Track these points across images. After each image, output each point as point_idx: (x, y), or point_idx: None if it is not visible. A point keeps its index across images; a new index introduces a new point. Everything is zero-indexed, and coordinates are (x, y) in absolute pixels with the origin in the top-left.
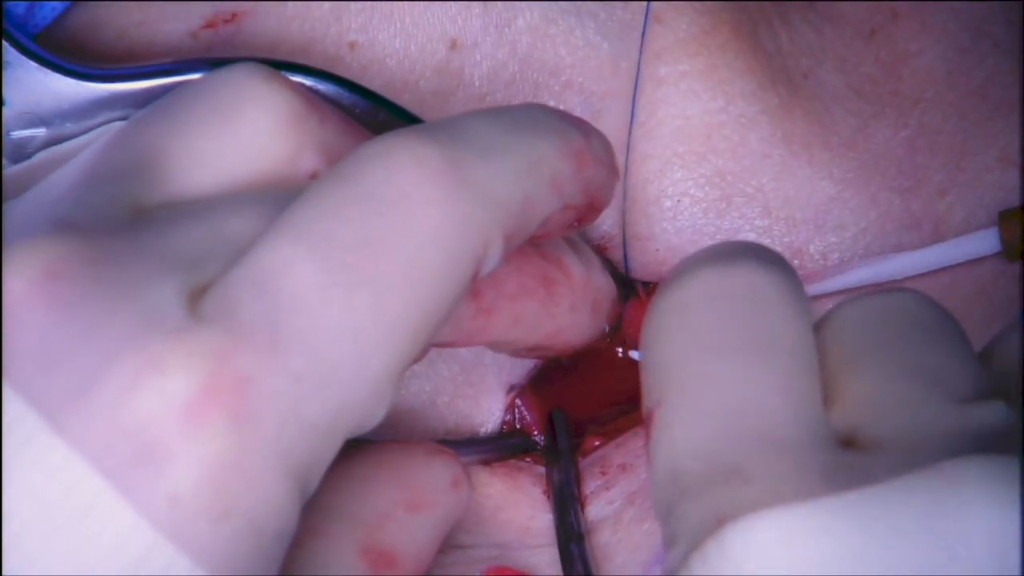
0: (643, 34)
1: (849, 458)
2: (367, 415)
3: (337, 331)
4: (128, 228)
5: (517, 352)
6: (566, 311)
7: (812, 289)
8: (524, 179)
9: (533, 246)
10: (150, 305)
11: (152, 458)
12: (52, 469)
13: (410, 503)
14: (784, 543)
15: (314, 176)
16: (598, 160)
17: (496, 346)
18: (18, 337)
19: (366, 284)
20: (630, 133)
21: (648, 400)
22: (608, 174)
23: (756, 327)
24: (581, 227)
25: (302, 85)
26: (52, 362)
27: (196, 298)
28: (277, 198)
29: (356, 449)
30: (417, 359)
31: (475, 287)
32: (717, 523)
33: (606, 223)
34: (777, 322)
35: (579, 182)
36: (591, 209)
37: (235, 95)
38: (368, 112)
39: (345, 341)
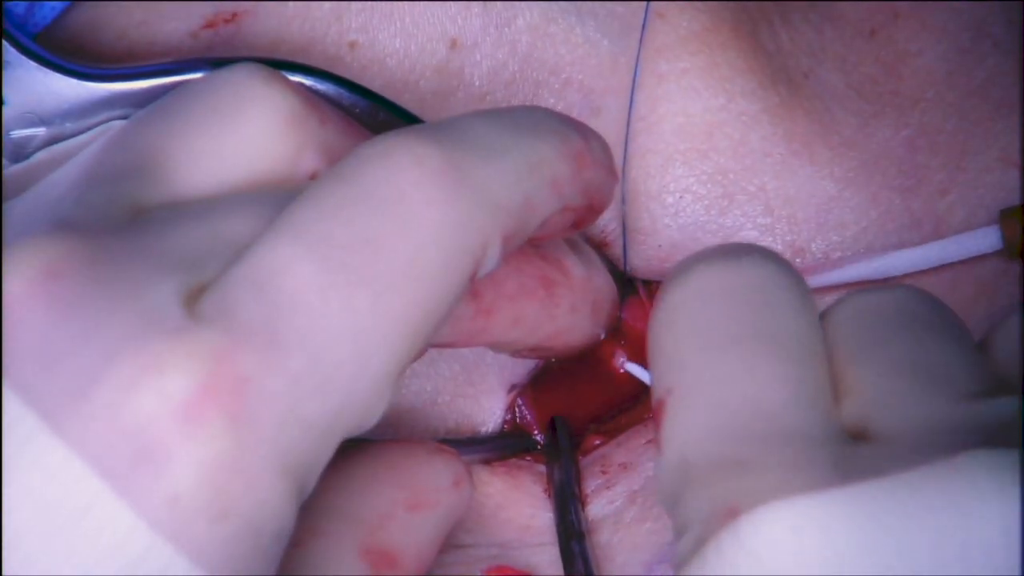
0: (643, 29)
1: (859, 451)
2: (366, 415)
3: (336, 331)
4: (128, 228)
5: (517, 352)
6: (566, 312)
7: (812, 282)
8: (524, 180)
9: (533, 247)
10: (149, 305)
11: (151, 459)
12: (51, 469)
13: (411, 503)
14: (796, 533)
15: (314, 176)
16: (597, 162)
17: (496, 346)
18: (17, 337)
19: (366, 284)
20: (628, 127)
21: (658, 390)
22: (607, 176)
23: (764, 320)
24: (580, 229)
25: (302, 85)
26: (51, 362)
27: (195, 298)
28: (277, 198)
29: (357, 449)
30: (415, 359)
31: (475, 288)
32: (729, 513)
33: (606, 217)
34: (785, 315)
35: (578, 184)
36: (590, 211)
37: (235, 95)
38: (368, 112)
39: (344, 341)
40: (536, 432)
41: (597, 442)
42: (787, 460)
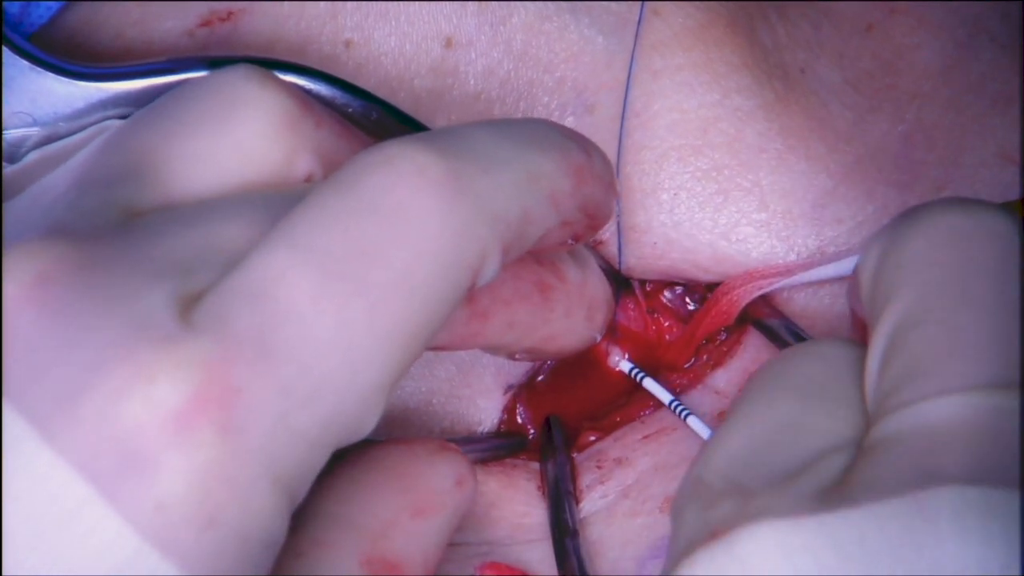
0: (639, 25)
1: (847, 477)
2: (357, 425)
3: (329, 342)
4: (121, 233)
5: (511, 355)
6: (561, 316)
7: (807, 277)
8: (523, 193)
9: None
10: (141, 312)
11: (138, 466)
12: (39, 475)
13: (415, 508)
14: (763, 556)
15: (309, 179)
16: (597, 178)
17: (490, 349)
18: (7, 343)
19: (361, 295)
20: (623, 123)
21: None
22: (607, 192)
23: (819, 380)
24: (578, 244)
25: (297, 88)
26: (41, 368)
27: (188, 305)
28: (271, 203)
29: (358, 454)
30: (409, 367)
31: (470, 291)
32: (711, 535)
33: None
34: (836, 376)
35: (578, 199)
36: (589, 226)
37: (230, 98)
38: (361, 112)
39: (337, 352)
40: (531, 431)
41: (592, 438)
42: (776, 493)
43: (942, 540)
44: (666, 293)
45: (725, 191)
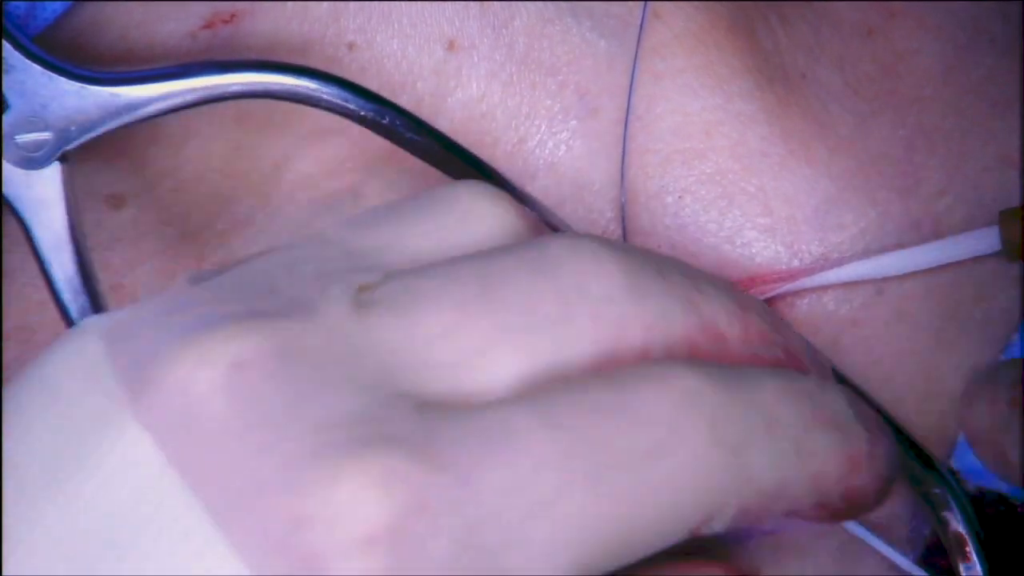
0: (640, 29)
1: None
2: None
3: (533, 510)
4: (335, 325)
5: None
6: None
7: (811, 282)
8: (787, 465)
9: None
10: (339, 413)
11: (308, 572)
12: (208, 567)
13: None
14: None
15: None
16: (875, 473)
17: None
18: (196, 430)
19: (586, 483)
20: (627, 126)
21: None
22: (879, 488)
23: None
24: (826, 523)
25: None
26: (226, 459)
27: (399, 412)
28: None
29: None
30: None
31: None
32: None
33: (606, 216)
34: None
35: (844, 487)
36: (845, 513)
37: (462, 212)
38: (373, 116)
39: (536, 522)
40: None
41: None
42: None
43: None
44: None
45: (729, 195)
